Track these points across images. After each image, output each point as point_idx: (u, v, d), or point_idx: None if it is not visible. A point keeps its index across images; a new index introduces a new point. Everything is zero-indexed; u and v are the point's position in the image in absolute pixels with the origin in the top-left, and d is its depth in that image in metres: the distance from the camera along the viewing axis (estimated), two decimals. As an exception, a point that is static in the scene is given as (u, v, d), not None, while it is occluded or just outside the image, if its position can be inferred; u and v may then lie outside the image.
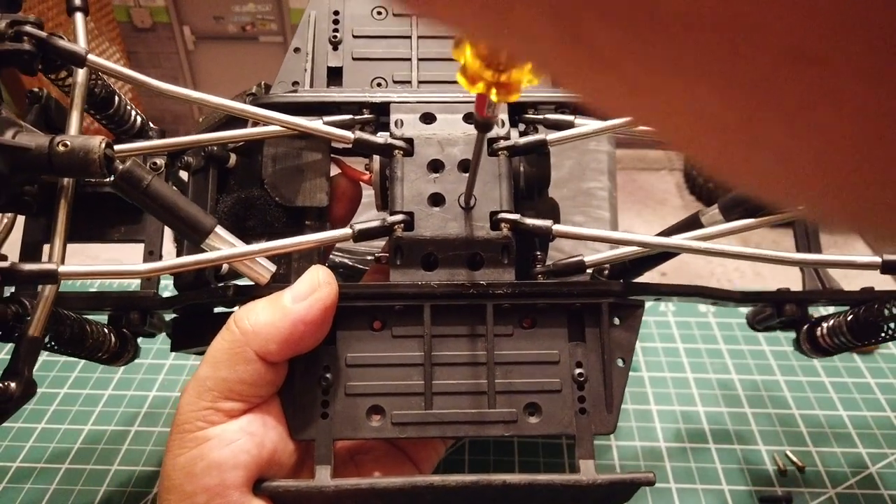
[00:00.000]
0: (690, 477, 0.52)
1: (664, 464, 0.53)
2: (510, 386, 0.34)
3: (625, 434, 0.55)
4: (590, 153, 0.66)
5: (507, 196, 0.35)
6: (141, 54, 2.73)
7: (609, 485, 0.32)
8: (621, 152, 1.25)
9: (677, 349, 0.64)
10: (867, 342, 0.37)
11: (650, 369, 0.62)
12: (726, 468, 0.52)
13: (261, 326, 0.31)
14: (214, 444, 0.31)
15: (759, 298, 0.40)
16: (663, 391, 0.60)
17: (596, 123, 0.36)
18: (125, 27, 2.67)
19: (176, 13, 2.61)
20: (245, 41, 2.62)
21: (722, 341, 0.65)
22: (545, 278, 0.36)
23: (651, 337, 0.66)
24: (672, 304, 0.70)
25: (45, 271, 0.30)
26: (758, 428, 0.56)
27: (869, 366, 0.62)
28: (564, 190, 0.61)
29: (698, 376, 0.61)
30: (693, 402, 0.58)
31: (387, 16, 0.41)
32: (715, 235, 0.35)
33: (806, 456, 0.53)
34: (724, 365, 0.62)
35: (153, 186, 0.31)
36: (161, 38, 2.68)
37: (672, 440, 0.55)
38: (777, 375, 0.61)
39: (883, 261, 0.32)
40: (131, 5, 2.60)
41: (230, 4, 2.55)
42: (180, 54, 2.70)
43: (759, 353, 0.64)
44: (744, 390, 0.59)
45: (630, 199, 2.47)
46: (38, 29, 0.33)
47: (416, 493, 0.32)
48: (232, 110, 0.36)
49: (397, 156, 0.35)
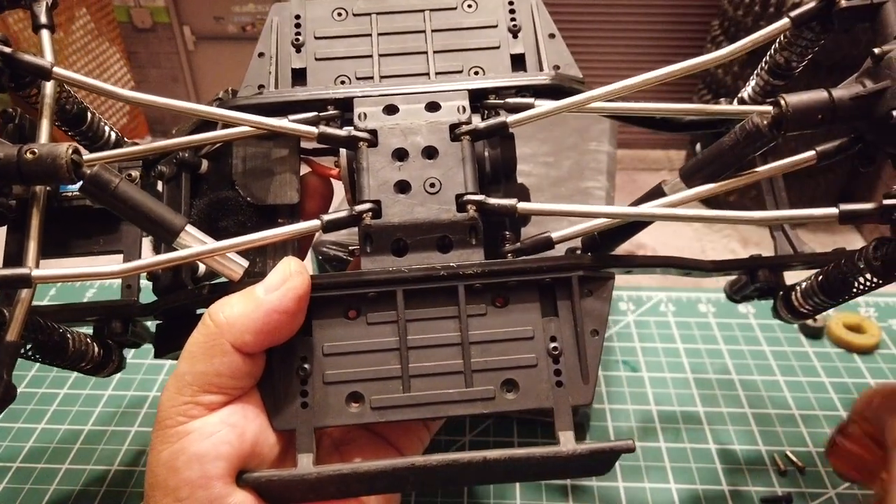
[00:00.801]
0: (691, 477, 0.51)
1: (664, 464, 0.53)
2: (486, 364, 0.34)
3: (624, 434, 0.56)
4: (589, 153, 0.67)
5: (472, 179, 0.36)
6: (141, 54, 2.76)
7: (589, 454, 0.32)
8: (621, 152, 1.26)
9: (677, 349, 0.65)
10: (841, 299, 0.38)
11: (650, 369, 0.62)
12: (726, 468, 0.52)
13: (235, 318, 0.32)
14: (195, 438, 0.31)
15: (731, 266, 0.40)
16: (663, 391, 0.60)
17: (554, 103, 0.37)
18: (125, 27, 2.70)
19: (176, 13, 2.64)
20: (245, 41, 2.64)
21: (722, 341, 0.65)
22: (515, 257, 0.37)
23: (651, 337, 0.66)
24: (672, 305, 0.70)
25: (19, 275, 0.30)
26: (758, 428, 0.56)
27: (869, 366, 0.62)
28: (562, 189, 0.62)
29: (698, 376, 0.61)
30: (693, 403, 0.58)
31: (347, 16, 0.42)
32: (679, 203, 0.35)
33: (806, 456, 0.53)
34: (724, 365, 0.62)
35: (121, 189, 0.32)
36: (161, 38, 2.70)
37: (672, 440, 0.55)
38: (777, 376, 0.61)
39: (840, 211, 0.32)
40: (131, 5, 2.63)
41: (230, 5, 2.58)
42: (180, 54, 2.72)
43: (759, 353, 0.64)
44: (744, 391, 0.60)
45: (630, 198, 2.46)
46: (3, 45, 0.34)
47: (398, 475, 0.32)
48: (201, 114, 0.37)
49: (362, 147, 0.36)
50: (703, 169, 0.35)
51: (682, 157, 2.72)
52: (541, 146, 0.69)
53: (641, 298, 0.72)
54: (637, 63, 2.64)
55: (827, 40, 0.38)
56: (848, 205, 0.32)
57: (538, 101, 0.38)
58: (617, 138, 0.73)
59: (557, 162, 0.67)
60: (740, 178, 0.36)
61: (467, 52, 0.41)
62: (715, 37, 2.30)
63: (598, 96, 0.36)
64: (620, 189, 0.69)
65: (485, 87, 0.39)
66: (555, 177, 0.64)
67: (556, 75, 0.40)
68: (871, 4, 0.34)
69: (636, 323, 0.68)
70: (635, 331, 0.67)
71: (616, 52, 2.61)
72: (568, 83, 0.39)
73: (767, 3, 2.04)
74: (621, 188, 1.60)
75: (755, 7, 2.08)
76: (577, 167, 0.66)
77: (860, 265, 0.35)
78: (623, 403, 0.59)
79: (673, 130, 0.42)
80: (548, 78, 0.39)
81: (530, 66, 0.41)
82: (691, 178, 0.36)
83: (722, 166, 0.35)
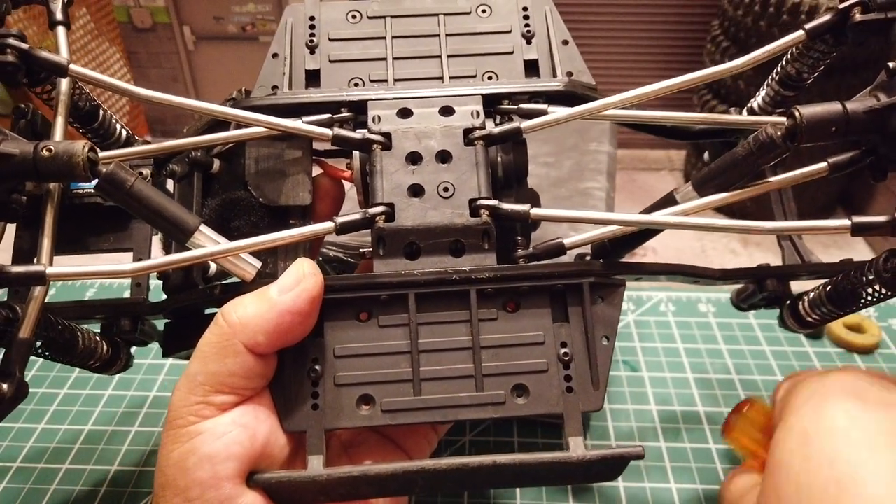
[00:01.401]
0: (690, 477, 0.52)
1: (664, 464, 0.53)
2: (497, 369, 0.34)
3: (624, 434, 0.55)
4: (590, 154, 0.67)
5: (485, 183, 0.36)
6: (141, 54, 2.75)
7: (599, 460, 0.33)
8: (622, 152, 1.26)
9: (677, 349, 0.65)
10: (848, 310, 0.38)
11: (650, 369, 0.62)
12: (726, 468, 0.52)
13: (248, 318, 0.32)
14: (206, 438, 0.31)
15: (739, 275, 0.41)
16: (663, 391, 0.60)
17: (568, 109, 0.37)
18: (125, 27, 2.69)
19: (176, 13, 2.64)
20: (245, 41, 2.64)
21: (722, 341, 0.65)
22: (527, 262, 0.37)
23: (651, 337, 0.66)
24: (672, 304, 0.70)
25: (33, 273, 0.30)
26: None
27: (869, 365, 0.62)
28: (562, 189, 0.62)
29: (698, 376, 0.61)
30: (693, 403, 0.58)
31: (361, 19, 0.42)
32: (690, 211, 0.35)
33: None
34: (725, 365, 0.62)
35: (137, 187, 0.32)
36: (161, 38, 2.70)
37: (672, 440, 0.55)
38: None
39: (852, 223, 0.33)
40: (131, 5, 2.63)
41: (230, 5, 2.58)
42: (180, 54, 2.72)
43: (759, 353, 0.64)
44: (744, 390, 0.60)
45: (630, 199, 2.48)
46: (20, 41, 0.34)
47: (407, 478, 0.32)
48: (214, 113, 0.37)
49: (376, 150, 0.36)
50: (715, 178, 0.36)
51: (682, 158, 2.73)
52: (541, 146, 0.70)
53: (641, 298, 0.72)
54: (635, 62, 2.66)
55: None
56: (860, 217, 0.33)
57: (551, 107, 0.38)
58: (617, 138, 0.73)
59: (558, 162, 0.67)
60: (752, 189, 0.36)
61: (481, 56, 0.41)
62: (715, 37, 2.31)
63: (613, 104, 0.36)
64: (620, 189, 0.69)
65: (499, 92, 0.39)
66: (555, 177, 0.65)
67: (569, 82, 0.40)
68: (885, 19, 0.34)
69: (636, 323, 0.68)
70: (635, 330, 0.67)
71: (614, 52, 2.62)
72: (581, 90, 0.40)
73: (767, 3, 2.05)
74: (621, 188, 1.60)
75: (755, 7, 2.09)
76: (578, 167, 0.66)
77: (870, 276, 0.35)
78: (623, 403, 0.59)
79: (683, 139, 0.43)
80: (561, 84, 0.40)
81: (544, 73, 0.41)
82: (703, 186, 0.36)
83: (734, 176, 0.35)
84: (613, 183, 0.66)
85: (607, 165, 0.66)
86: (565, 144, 0.70)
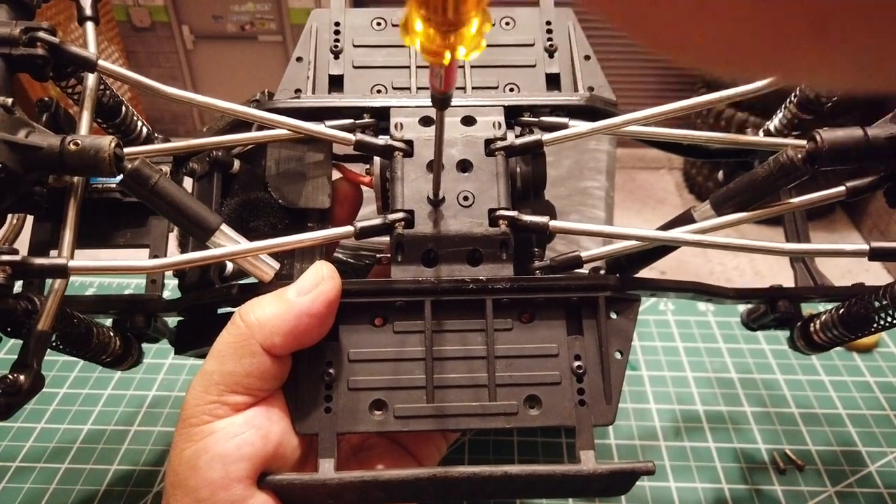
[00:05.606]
0: (690, 475, 0.52)
1: (664, 463, 0.53)
2: (510, 379, 0.34)
3: (624, 433, 0.56)
4: (589, 153, 0.67)
5: (505, 194, 0.36)
6: (140, 54, 2.75)
7: (609, 474, 0.33)
8: (621, 151, 1.26)
9: (677, 348, 0.65)
10: (859, 334, 0.38)
11: (650, 368, 0.62)
12: (725, 467, 0.52)
13: (266, 319, 0.32)
14: (219, 438, 0.31)
15: (752, 295, 0.41)
16: (662, 390, 0.60)
17: (589, 124, 0.37)
18: (124, 27, 2.69)
19: (175, 13, 2.64)
20: (244, 41, 2.65)
21: (721, 340, 0.66)
22: (543, 274, 0.37)
23: (650, 336, 0.66)
24: (671, 304, 0.70)
25: (56, 265, 0.31)
26: (757, 427, 0.56)
27: (868, 364, 0.63)
28: (562, 189, 0.62)
29: (697, 375, 0.62)
30: (692, 401, 0.59)
31: (386, 26, 0.43)
32: (708, 230, 0.36)
33: (805, 455, 0.53)
34: (724, 364, 0.63)
35: (161, 184, 0.32)
36: (160, 37, 2.70)
37: (671, 439, 0.55)
38: (776, 374, 0.61)
39: (871, 248, 0.33)
40: (130, 5, 2.63)
41: (229, 4, 2.58)
42: (179, 54, 2.72)
43: (758, 351, 0.64)
44: (743, 389, 0.60)
45: (630, 197, 2.48)
46: (50, 35, 0.34)
47: (418, 485, 0.33)
48: (238, 114, 0.37)
49: (397, 157, 0.36)
50: (734, 198, 0.36)
51: (682, 157, 2.72)
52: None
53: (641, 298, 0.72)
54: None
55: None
56: (879, 242, 0.33)
57: (572, 121, 0.38)
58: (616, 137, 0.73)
59: (557, 161, 0.67)
60: (770, 209, 0.36)
61: (504, 68, 0.42)
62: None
63: (634, 120, 0.37)
64: (620, 188, 0.69)
65: (520, 104, 0.39)
66: (554, 176, 0.65)
67: (590, 97, 0.40)
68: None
69: (636, 322, 0.68)
70: (635, 330, 0.67)
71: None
72: (602, 105, 0.40)
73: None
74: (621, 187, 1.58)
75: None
76: (577, 166, 0.66)
77: (884, 301, 0.35)
78: (623, 402, 0.59)
79: (701, 157, 0.43)
80: (582, 99, 0.40)
81: (565, 86, 0.42)
82: (722, 206, 0.36)
83: (753, 196, 0.35)
84: (613, 182, 0.66)
85: (607, 164, 0.66)
86: (564, 143, 0.70)
